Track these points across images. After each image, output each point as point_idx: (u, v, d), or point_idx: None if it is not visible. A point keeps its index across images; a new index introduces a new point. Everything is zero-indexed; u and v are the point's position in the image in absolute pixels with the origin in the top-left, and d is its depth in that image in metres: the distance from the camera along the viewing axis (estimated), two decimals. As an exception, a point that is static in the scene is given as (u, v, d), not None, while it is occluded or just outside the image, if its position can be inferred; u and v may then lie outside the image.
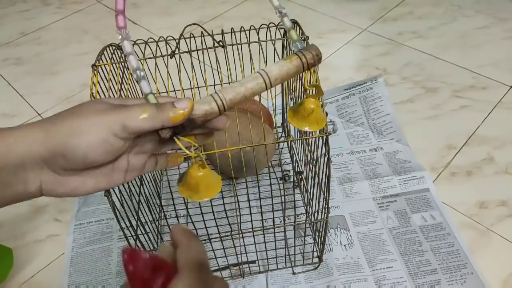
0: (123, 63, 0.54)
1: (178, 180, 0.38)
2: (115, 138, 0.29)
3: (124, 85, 0.56)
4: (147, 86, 0.33)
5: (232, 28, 0.56)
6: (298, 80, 0.59)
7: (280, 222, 0.71)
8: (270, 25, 0.55)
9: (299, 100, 0.62)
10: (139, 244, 0.52)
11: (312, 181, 0.58)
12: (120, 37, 0.33)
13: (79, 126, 0.28)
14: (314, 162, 0.54)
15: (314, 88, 0.39)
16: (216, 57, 0.54)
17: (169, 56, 0.52)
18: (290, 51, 0.60)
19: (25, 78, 1.06)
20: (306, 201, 0.69)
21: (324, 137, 0.47)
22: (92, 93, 0.45)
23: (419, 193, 0.74)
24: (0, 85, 1.05)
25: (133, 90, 0.61)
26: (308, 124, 0.40)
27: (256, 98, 0.84)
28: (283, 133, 0.84)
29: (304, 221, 0.59)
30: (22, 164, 0.28)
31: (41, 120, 0.30)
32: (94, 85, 0.45)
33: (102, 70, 0.50)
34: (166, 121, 0.30)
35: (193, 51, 0.53)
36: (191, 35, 0.55)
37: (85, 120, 0.28)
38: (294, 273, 0.65)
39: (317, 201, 0.56)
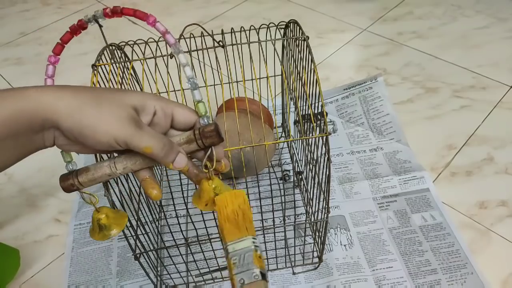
0: (123, 63, 0.54)
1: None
2: (117, 146, 0.32)
3: (124, 85, 0.56)
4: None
5: (232, 28, 0.56)
6: (298, 80, 0.59)
7: (280, 222, 0.71)
8: (270, 25, 0.55)
9: (299, 100, 0.62)
10: (139, 244, 0.52)
11: (312, 181, 0.58)
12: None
13: (96, 126, 0.31)
14: (314, 162, 0.54)
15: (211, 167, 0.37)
16: (216, 57, 0.54)
17: (169, 56, 0.52)
18: (290, 51, 0.60)
19: (25, 78, 1.06)
20: (306, 201, 0.69)
21: (324, 137, 0.47)
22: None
23: (419, 193, 0.74)
24: (0, 85, 1.05)
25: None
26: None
27: (256, 98, 0.84)
28: (283, 133, 0.84)
29: (304, 221, 0.59)
30: (42, 125, 0.31)
31: (71, 91, 0.32)
32: (94, 85, 0.45)
33: (102, 70, 0.50)
34: (159, 162, 0.34)
35: (193, 51, 0.53)
36: (191, 35, 0.55)
37: (102, 122, 0.31)
38: (294, 273, 0.65)
39: (317, 201, 0.56)
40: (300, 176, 0.72)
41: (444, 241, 0.66)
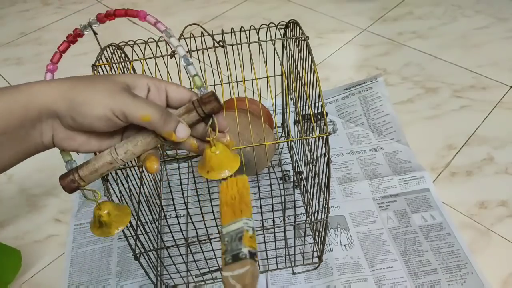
0: (123, 63, 0.54)
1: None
2: (116, 119, 0.32)
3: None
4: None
5: (232, 28, 0.56)
6: (298, 80, 0.59)
7: (280, 222, 0.71)
8: (270, 25, 0.55)
9: (299, 100, 0.62)
10: (139, 244, 0.52)
11: (312, 181, 0.58)
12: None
13: (91, 100, 0.31)
14: (314, 162, 0.54)
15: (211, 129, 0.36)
16: (216, 57, 0.54)
17: (169, 56, 0.52)
18: (290, 51, 0.60)
19: (25, 78, 1.06)
20: (306, 201, 0.69)
21: (324, 137, 0.47)
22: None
23: (419, 193, 0.74)
24: (0, 85, 1.05)
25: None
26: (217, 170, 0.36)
27: (256, 98, 0.84)
28: (283, 133, 0.84)
29: (304, 221, 0.59)
30: (39, 116, 0.31)
31: (62, 79, 0.32)
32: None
33: (102, 70, 0.50)
34: (160, 132, 0.33)
35: (193, 51, 0.53)
36: (191, 35, 0.55)
37: (97, 95, 0.31)
38: (294, 273, 0.65)
39: (317, 201, 0.56)
40: (300, 176, 0.72)
41: (444, 241, 0.66)
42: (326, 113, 0.44)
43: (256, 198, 0.73)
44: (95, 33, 0.42)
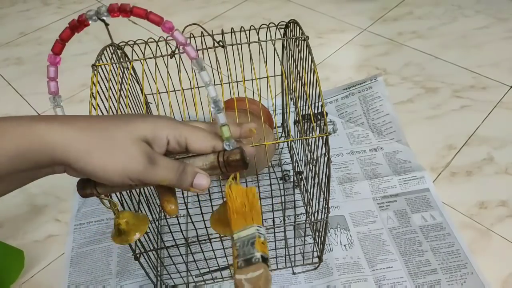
0: (123, 63, 0.54)
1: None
2: (132, 182, 0.32)
3: (124, 85, 0.56)
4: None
5: (232, 28, 0.56)
6: (298, 80, 0.59)
7: (280, 222, 0.71)
8: (270, 25, 0.55)
9: (299, 100, 0.62)
10: (139, 244, 0.52)
11: (312, 181, 0.58)
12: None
13: (108, 168, 0.31)
14: (314, 162, 0.54)
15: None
16: (216, 57, 0.54)
17: (169, 56, 0.52)
18: (290, 51, 0.60)
19: (25, 78, 1.06)
20: (306, 201, 0.69)
21: (324, 137, 0.47)
22: (92, 93, 0.45)
23: (419, 193, 0.74)
24: (0, 85, 1.05)
25: (133, 90, 0.61)
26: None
27: (256, 98, 0.84)
28: (283, 133, 0.84)
29: (304, 221, 0.59)
30: (52, 162, 0.30)
31: (78, 125, 0.31)
32: (94, 85, 0.45)
33: (102, 70, 0.50)
34: (181, 189, 0.34)
35: (193, 51, 0.53)
36: (191, 35, 0.55)
37: (114, 165, 0.31)
38: (294, 273, 0.65)
39: (317, 201, 0.56)
40: (300, 176, 0.72)
41: (444, 241, 0.66)
42: (326, 113, 0.44)
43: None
44: (106, 24, 0.38)
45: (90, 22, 0.34)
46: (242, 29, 0.57)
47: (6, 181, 0.31)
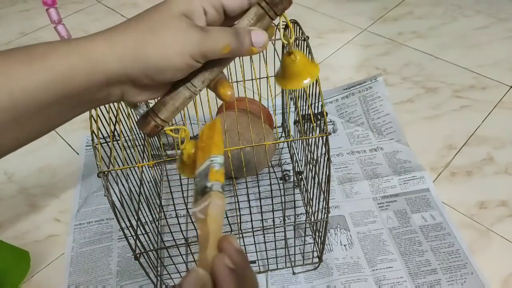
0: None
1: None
2: (196, 63, 0.30)
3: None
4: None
5: (232, 28, 0.56)
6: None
7: (280, 222, 0.71)
8: (270, 25, 0.55)
9: (299, 100, 0.62)
10: (139, 244, 0.52)
11: (312, 181, 0.58)
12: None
13: (167, 54, 0.29)
14: (314, 162, 0.54)
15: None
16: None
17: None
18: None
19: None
20: (306, 201, 0.69)
21: (324, 137, 0.47)
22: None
23: (419, 193, 0.74)
24: None
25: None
26: (299, 78, 0.35)
27: (256, 98, 0.84)
28: (283, 133, 0.84)
29: (304, 221, 0.59)
30: (107, 82, 0.28)
31: (119, 32, 0.29)
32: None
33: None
34: (240, 54, 0.32)
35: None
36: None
37: (171, 47, 0.29)
38: (294, 273, 0.65)
39: (317, 201, 0.56)
40: (300, 176, 0.72)
41: (444, 241, 0.66)
42: (326, 113, 0.44)
43: (256, 198, 0.73)
44: None
45: None
46: (242, 29, 0.56)
47: (63, 106, 0.28)
